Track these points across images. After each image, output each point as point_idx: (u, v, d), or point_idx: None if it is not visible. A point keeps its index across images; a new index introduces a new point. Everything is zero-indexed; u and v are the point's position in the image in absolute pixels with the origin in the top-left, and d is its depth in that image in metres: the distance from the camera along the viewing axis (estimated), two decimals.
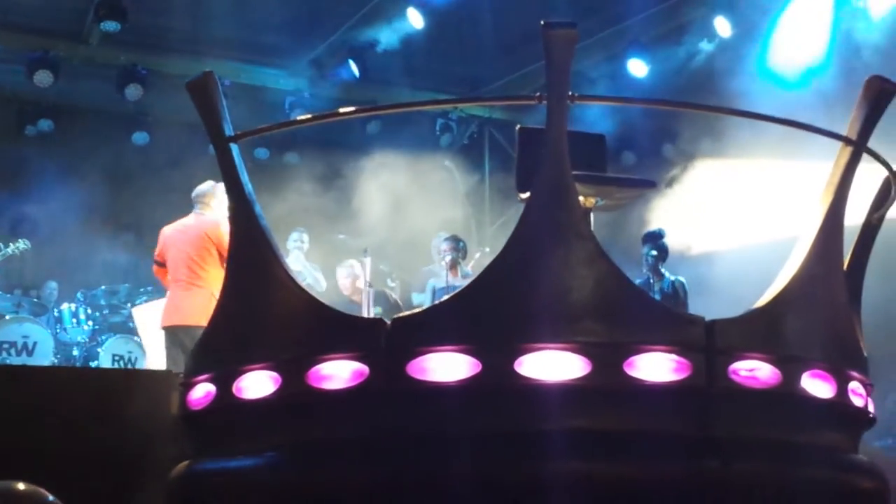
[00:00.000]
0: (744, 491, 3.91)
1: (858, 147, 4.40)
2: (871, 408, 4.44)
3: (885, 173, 4.73)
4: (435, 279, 9.98)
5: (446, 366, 3.85)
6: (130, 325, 10.95)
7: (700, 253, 9.97)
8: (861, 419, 4.42)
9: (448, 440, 3.88)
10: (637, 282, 9.87)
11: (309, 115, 12.04)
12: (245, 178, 4.31)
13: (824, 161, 4.52)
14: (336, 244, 11.40)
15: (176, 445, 4.39)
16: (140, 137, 13.48)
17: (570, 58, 3.92)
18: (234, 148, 4.30)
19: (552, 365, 3.81)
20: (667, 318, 4.03)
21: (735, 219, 9.51)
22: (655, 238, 10.09)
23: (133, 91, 12.76)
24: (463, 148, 14.13)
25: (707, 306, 4.84)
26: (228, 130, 4.31)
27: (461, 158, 13.43)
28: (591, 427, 3.85)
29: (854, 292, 4.62)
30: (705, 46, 11.72)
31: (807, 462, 4.07)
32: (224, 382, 4.15)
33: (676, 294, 10.05)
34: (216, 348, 4.34)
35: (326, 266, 11.18)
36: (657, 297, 9.65)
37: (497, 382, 3.84)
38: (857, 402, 4.29)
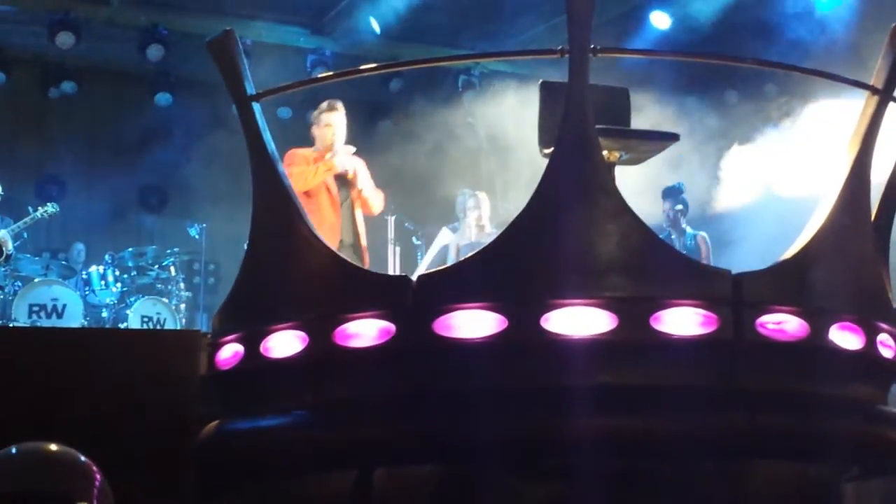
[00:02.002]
0: (771, 443, 3.91)
1: (885, 96, 4.36)
2: None
3: None
4: (457, 236, 9.95)
5: (472, 323, 3.86)
6: (158, 286, 11.02)
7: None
8: (890, 370, 4.40)
9: (475, 396, 3.89)
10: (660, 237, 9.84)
11: (330, 73, 12.03)
12: (268, 137, 4.31)
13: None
14: None
15: (205, 406, 4.41)
16: (163, 98, 13.46)
17: (592, 10, 3.90)
18: (257, 107, 4.30)
19: (578, 320, 3.81)
20: (693, 272, 4.02)
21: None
22: (676, 193, 10.04)
23: (155, 52, 12.73)
24: (486, 104, 14.06)
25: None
26: (250, 89, 4.30)
27: (484, 115, 13.37)
28: (617, 382, 3.86)
29: (882, 244, 4.59)
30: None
31: (835, 414, 4.06)
32: (251, 342, 4.16)
33: (699, 249, 10.02)
34: (243, 308, 4.35)
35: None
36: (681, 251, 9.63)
37: (523, 338, 3.84)
38: (886, 353, 4.27)
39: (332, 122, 7.40)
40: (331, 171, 7.22)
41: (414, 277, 4.02)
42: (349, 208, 7.30)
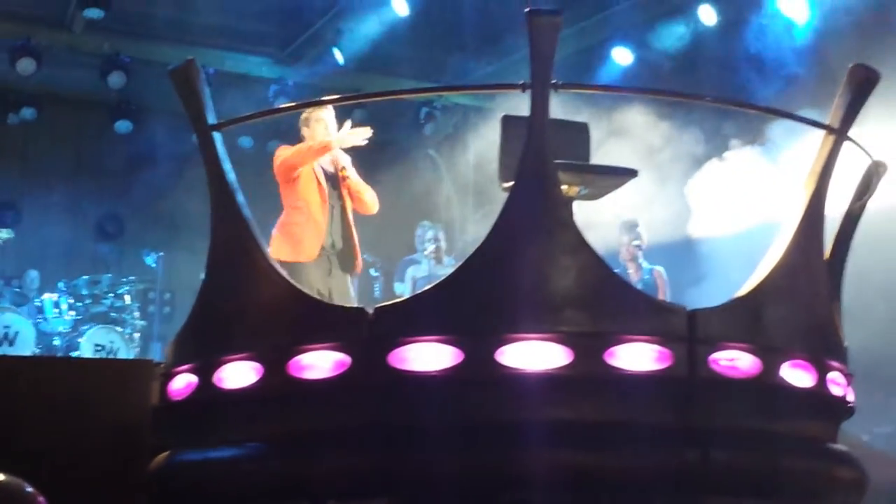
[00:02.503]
0: (723, 480, 3.92)
1: (840, 135, 4.41)
2: (850, 397, 4.46)
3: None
4: (415, 268, 9.97)
5: (428, 355, 3.85)
6: (112, 315, 10.93)
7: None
8: (840, 409, 4.44)
9: (430, 430, 3.88)
10: (616, 272, 9.87)
11: (293, 103, 12.03)
12: (228, 166, 4.30)
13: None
14: None
15: (157, 436, 4.37)
16: (123, 126, 13.41)
17: (554, 45, 3.92)
18: (217, 136, 4.29)
19: (534, 354, 3.81)
20: (648, 308, 4.03)
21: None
22: (633, 227, 10.09)
23: (116, 79, 12.69)
24: (447, 137, 14.11)
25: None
26: (211, 118, 4.29)
27: (445, 148, 13.42)
28: (572, 417, 3.86)
29: (835, 282, 4.64)
30: (690, 33, 11.70)
31: (786, 451, 4.08)
32: (205, 372, 4.14)
33: (656, 283, 10.07)
34: (197, 338, 4.33)
35: None
36: (638, 286, 9.66)
37: (479, 372, 3.84)
38: (837, 391, 4.31)
39: (324, 117, 7.00)
40: (327, 150, 6.74)
41: (370, 310, 4.02)
42: (340, 210, 6.88)
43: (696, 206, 9.38)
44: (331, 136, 6.81)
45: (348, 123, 6.75)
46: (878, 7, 9.73)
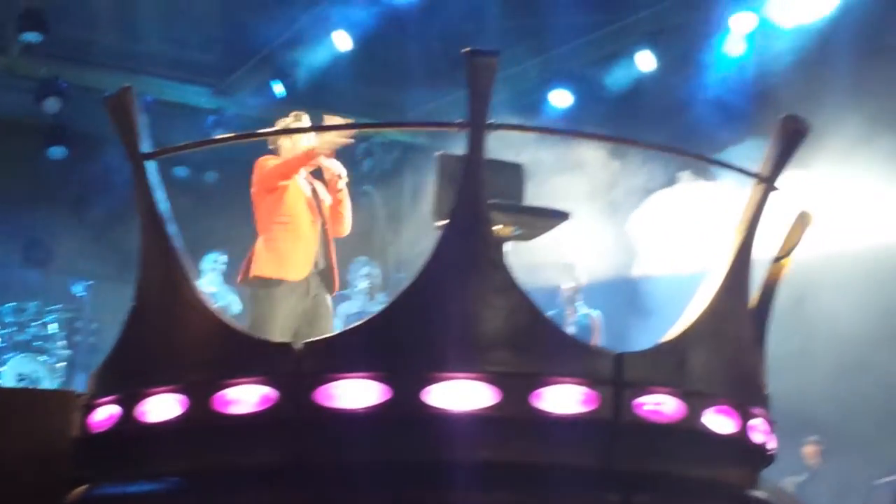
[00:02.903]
0: None
1: (769, 185, 4.47)
2: (771, 444, 4.51)
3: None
4: (348, 304, 9.95)
5: (355, 392, 3.84)
6: (36, 344, 10.75)
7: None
8: (761, 456, 4.48)
9: (354, 468, 3.86)
10: (550, 314, 9.94)
11: (229, 135, 11.97)
12: (160, 196, 4.27)
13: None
14: None
15: (77, 469, 4.31)
16: (57, 152, 13.25)
17: (491, 85, 3.94)
18: (151, 165, 4.26)
19: (461, 394, 3.82)
20: (576, 351, 4.06)
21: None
22: (571, 270, 10.15)
23: (52, 104, 12.54)
24: (385, 173, 14.12)
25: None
26: (146, 147, 4.27)
27: (383, 184, 13.42)
28: (497, 458, 3.87)
29: (760, 329, 4.69)
30: (629, 78, 11.84)
31: (707, 497, 4.12)
32: (127, 405, 4.09)
33: (591, 327, 10.13)
34: (121, 369, 4.28)
35: (244, 289, 11.08)
36: (572, 329, 9.72)
37: (405, 411, 3.83)
38: (759, 438, 4.36)
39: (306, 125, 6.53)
40: (313, 156, 6.20)
41: (298, 345, 4.00)
42: (322, 227, 6.38)
43: (640, 243, 9.42)
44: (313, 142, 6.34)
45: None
46: (818, 43, 9.94)
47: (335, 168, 6.38)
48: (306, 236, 6.28)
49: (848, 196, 8.87)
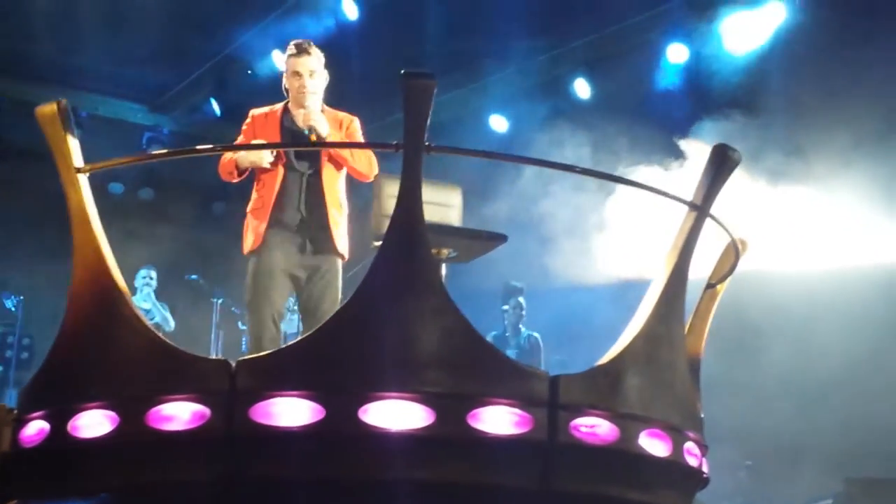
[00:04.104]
0: None
1: (702, 212, 4.53)
2: (705, 468, 4.55)
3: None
4: (286, 323, 9.90)
5: (290, 411, 3.82)
6: None
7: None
8: (695, 479, 4.53)
9: (289, 486, 3.84)
10: (493, 334, 9.98)
11: (164, 150, 11.89)
12: (93, 211, 4.22)
13: None
14: (188, 285, 11.24)
15: (6, 485, 4.24)
16: None
17: (428, 108, 3.95)
18: (84, 179, 4.22)
19: (396, 414, 3.81)
20: (512, 372, 4.06)
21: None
22: (517, 293, 10.21)
23: None
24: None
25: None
26: (78, 161, 4.22)
27: None
28: (433, 478, 3.87)
29: (694, 354, 4.75)
30: (563, 105, 11.94)
31: None
32: (58, 420, 4.03)
33: (532, 349, 10.19)
34: (53, 384, 4.21)
35: (177, 306, 11.01)
36: (513, 351, 9.76)
37: (340, 429, 3.82)
38: (692, 461, 4.40)
39: (302, 68, 5.90)
40: (257, 163, 5.76)
41: (232, 362, 3.97)
42: (310, 179, 5.81)
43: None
44: (309, 96, 5.80)
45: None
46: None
47: (318, 126, 5.75)
48: (274, 191, 5.78)
49: (827, 218, 9.01)
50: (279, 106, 6.05)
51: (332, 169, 5.85)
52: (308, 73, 5.89)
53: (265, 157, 5.81)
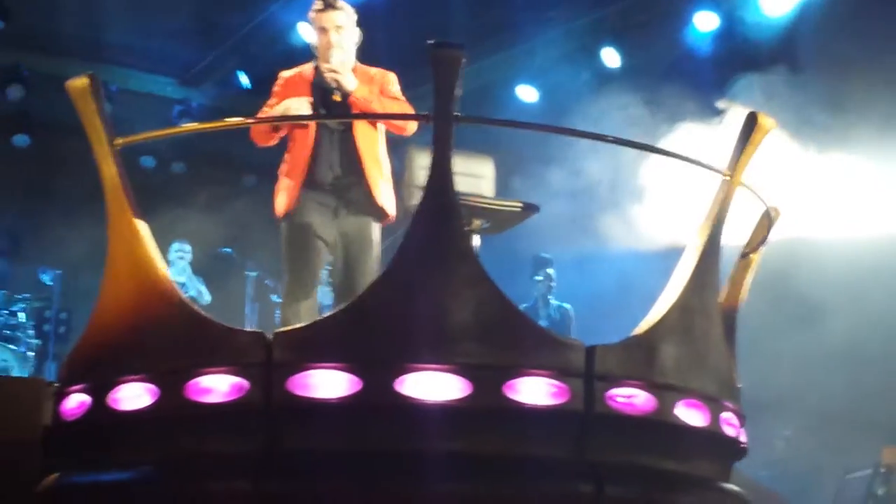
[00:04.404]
0: None
1: (735, 181, 4.51)
2: (742, 438, 4.54)
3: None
4: (321, 295, 9.95)
5: (327, 383, 3.84)
6: (6, 333, 10.68)
7: None
8: (733, 449, 4.52)
9: (326, 457, 3.87)
10: (523, 306, 9.99)
11: (195, 124, 11.91)
12: (127, 184, 4.24)
13: None
14: (222, 258, 11.29)
15: (49, 457, 4.29)
16: (21, 140, 13.16)
17: (457, 78, 3.94)
18: (116, 153, 4.23)
19: (432, 385, 3.82)
20: (547, 343, 4.06)
21: None
22: (546, 264, 10.20)
23: (15, 91, 12.46)
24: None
25: None
26: (111, 135, 4.24)
27: None
28: (468, 449, 3.87)
29: (729, 323, 4.73)
30: (593, 74, 11.88)
31: (678, 489, 4.15)
32: (99, 393, 4.07)
33: (563, 320, 10.19)
34: (92, 357, 4.25)
35: (210, 280, 11.06)
36: (544, 322, 9.77)
37: (377, 401, 3.83)
38: (730, 431, 4.39)
39: (328, 23, 5.71)
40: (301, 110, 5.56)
41: (269, 334, 3.99)
42: (343, 136, 5.66)
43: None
44: (335, 52, 5.64)
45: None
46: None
47: (344, 83, 5.64)
48: (303, 149, 5.63)
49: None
50: (309, 65, 5.90)
51: (366, 125, 5.66)
52: (335, 28, 5.72)
53: (304, 107, 5.65)
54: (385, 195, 5.68)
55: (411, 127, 5.70)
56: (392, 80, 5.88)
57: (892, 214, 9.27)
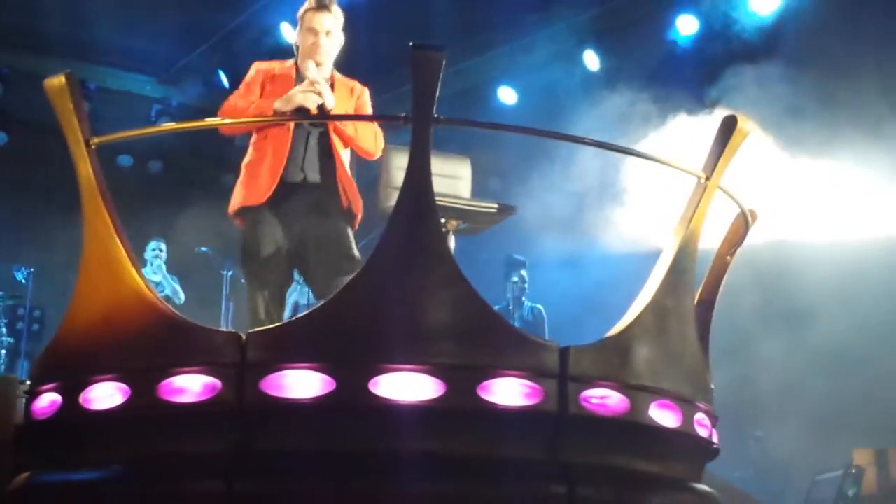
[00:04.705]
0: None
1: (711, 183, 4.51)
2: (714, 438, 4.56)
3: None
4: (298, 294, 9.94)
5: (300, 383, 3.83)
6: None
7: None
8: (705, 449, 4.53)
9: (299, 457, 3.85)
10: (497, 308, 9.99)
11: (173, 123, 11.88)
12: (103, 183, 4.23)
13: None
14: (198, 257, 11.26)
15: (20, 456, 4.27)
16: None
17: (437, 80, 3.94)
18: (93, 152, 4.22)
19: (407, 385, 3.81)
20: (522, 344, 4.06)
21: None
22: (519, 266, 10.20)
23: None
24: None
25: None
26: (87, 134, 4.23)
27: None
28: (442, 449, 3.87)
29: (703, 325, 4.74)
30: (573, 76, 11.90)
31: (651, 489, 4.16)
32: (70, 392, 4.05)
33: (536, 321, 10.20)
34: (64, 356, 4.23)
35: (186, 279, 11.03)
36: (518, 324, 9.77)
37: (351, 401, 3.82)
38: (702, 432, 4.40)
39: (319, 26, 5.50)
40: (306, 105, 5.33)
41: (243, 334, 3.98)
42: (320, 138, 5.45)
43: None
44: (322, 52, 5.46)
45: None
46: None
47: (325, 98, 5.40)
48: (278, 147, 5.37)
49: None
50: (290, 63, 5.66)
51: (338, 140, 5.51)
52: (325, 32, 5.50)
53: (312, 99, 5.38)
54: (355, 199, 5.52)
55: (379, 151, 5.54)
56: (367, 99, 5.70)
57: (880, 218, 9.33)
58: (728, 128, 4.54)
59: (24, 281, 11.11)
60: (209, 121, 7.53)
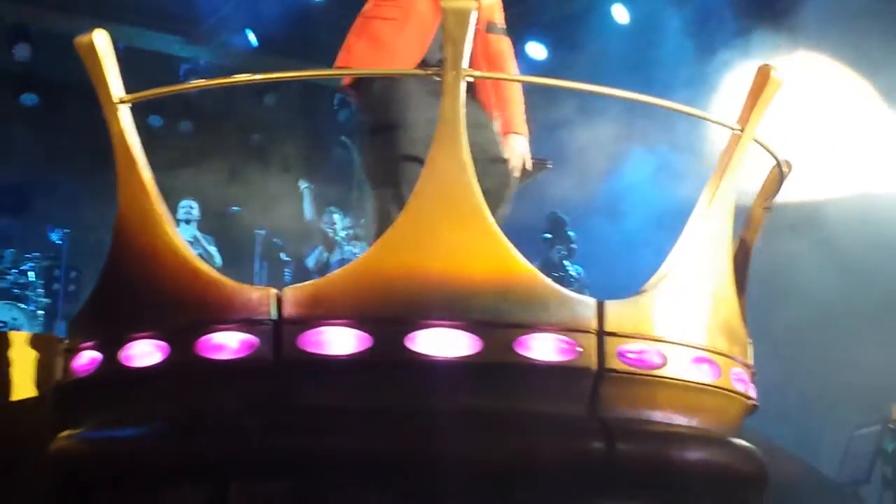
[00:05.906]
0: (627, 471, 3.96)
1: (746, 134, 4.47)
2: (752, 393, 4.54)
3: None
4: (324, 253, 10.02)
5: (337, 339, 3.84)
6: (15, 291, 10.71)
7: None
8: (744, 404, 4.51)
9: (336, 413, 3.87)
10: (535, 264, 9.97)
11: (202, 81, 11.88)
12: (135, 141, 4.24)
13: None
14: (229, 217, 11.30)
15: (59, 413, 4.30)
16: (29, 99, 13.14)
17: (467, 32, 3.91)
18: (125, 110, 4.22)
19: (443, 342, 3.81)
20: (559, 299, 4.05)
21: None
22: (562, 224, 10.16)
23: (22, 51, 12.43)
24: (361, 124, 14.03)
25: None
26: (120, 92, 4.22)
27: (359, 134, 13.35)
28: (479, 405, 3.87)
29: (740, 279, 4.71)
30: (603, 29, 11.81)
31: (689, 445, 4.14)
32: (110, 349, 4.07)
33: (578, 280, 10.20)
34: (103, 313, 4.26)
35: (219, 238, 11.07)
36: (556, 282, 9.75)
37: (387, 358, 3.83)
38: (740, 387, 4.38)
39: None
40: None
41: (278, 291, 3.99)
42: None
43: None
44: None
45: None
46: None
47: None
48: (423, 16, 4.76)
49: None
50: None
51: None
52: None
53: None
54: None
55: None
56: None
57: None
58: (762, 78, 4.48)
59: (59, 242, 11.18)
60: (238, 77, 7.51)
